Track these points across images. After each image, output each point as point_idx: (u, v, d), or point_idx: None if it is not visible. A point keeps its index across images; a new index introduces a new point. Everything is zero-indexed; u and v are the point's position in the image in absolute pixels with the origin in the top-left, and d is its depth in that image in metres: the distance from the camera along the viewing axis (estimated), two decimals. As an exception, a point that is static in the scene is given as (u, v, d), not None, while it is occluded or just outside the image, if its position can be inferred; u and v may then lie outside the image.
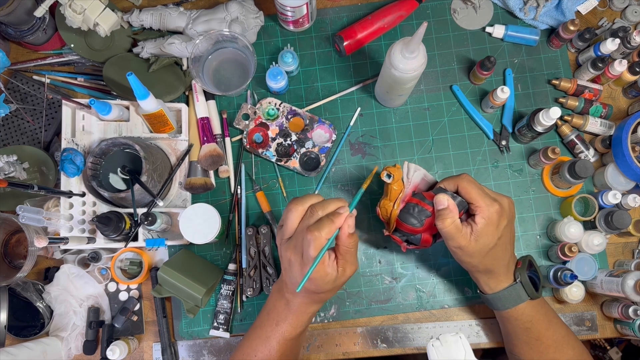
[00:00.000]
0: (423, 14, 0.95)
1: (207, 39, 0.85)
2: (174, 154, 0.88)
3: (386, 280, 0.88)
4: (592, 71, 0.87)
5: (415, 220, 0.70)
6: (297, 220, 0.61)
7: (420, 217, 0.70)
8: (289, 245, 0.61)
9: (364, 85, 0.93)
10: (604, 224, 0.83)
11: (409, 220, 0.70)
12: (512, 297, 0.71)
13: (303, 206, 0.61)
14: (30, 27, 0.88)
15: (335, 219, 0.59)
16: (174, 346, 0.87)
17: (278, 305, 0.67)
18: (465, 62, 0.93)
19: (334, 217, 0.59)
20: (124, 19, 0.90)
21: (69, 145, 0.83)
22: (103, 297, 0.88)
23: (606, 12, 0.95)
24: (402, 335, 0.87)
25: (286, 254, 0.61)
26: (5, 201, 0.87)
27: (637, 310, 0.78)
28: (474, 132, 0.91)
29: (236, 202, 0.90)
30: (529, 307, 0.72)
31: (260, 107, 0.90)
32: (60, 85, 0.94)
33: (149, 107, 0.81)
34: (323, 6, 0.96)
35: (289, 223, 0.62)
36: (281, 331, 0.67)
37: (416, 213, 0.70)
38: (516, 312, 0.72)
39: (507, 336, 0.77)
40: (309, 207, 0.61)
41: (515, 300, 0.71)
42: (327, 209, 0.60)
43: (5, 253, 0.90)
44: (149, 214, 0.79)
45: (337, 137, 0.91)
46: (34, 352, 0.80)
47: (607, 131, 0.88)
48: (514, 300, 0.71)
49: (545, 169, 0.89)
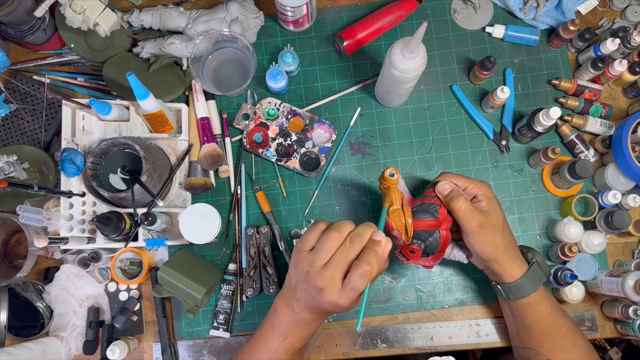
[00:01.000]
0: (423, 14, 0.95)
1: (207, 39, 0.85)
2: (174, 154, 0.88)
3: (386, 280, 0.88)
4: (592, 71, 0.87)
5: (429, 215, 0.69)
6: (334, 249, 0.60)
7: (433, 210, 0.69)
8: (324, 274, 0.59)
9: (364, 85, 0.93)
10: (604, 224, 0.83)
11: (424, 216, 0.69)
12: (533, 279, 0.72)
13: (341, 234, 0.60)
14: (30, 27, 0.88)
15: (379, 249, 0.59)
16: (174, 346, 0.87)
17: (286, 321, 0.66)
18: (465, 62, 0.93)
19: (377, 247, 0.59)
20: (124, 19, 0.90)
21: (69, 145, 0.83)
22: (103, 297, 0.88)
23: (606, 12, 0.95)
24: (402, 335, 0.87)
25: (317, 282, 0.59)
26: (5, 201, 0.87)
27: (637, 310, 0.78)
28: (474, 132, 0.91)
29: (236, 202, 0.90)
30: (545, 291, 0.74)
31: (260, 107, 0.90)
32: (60, 85, 0.94)
33: (149, 107, 0.81)
34: (323, 6, 0.96)
35: (325, 252, 0.60)
36: (289, 344, 0.66)
37: (427, 208, 0.69)
38: (538, 296, 0.72)
39: (524, 328, 0.76)
40: (347, 235, 0.60)
41: (537, 282, 0.72)
42: (365, 236, 0.60)
43: (5, 253, 0.90)
44: (149, 214, 0.79)
45: (337, 137, 0.91)
46: (34, 352, 0.80)
47: (607, 131, 0.88)
48: (536, 282, 0.72)
49: (545, 169, 0.89)
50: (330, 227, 0.62)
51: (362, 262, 0.58)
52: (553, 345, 0.73)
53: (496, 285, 0.76)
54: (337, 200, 0.90)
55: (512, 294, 0.74)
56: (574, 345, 0.73)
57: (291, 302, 0.65)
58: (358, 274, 0.58)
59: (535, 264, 0.73)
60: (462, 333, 0.86)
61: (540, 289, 0.73)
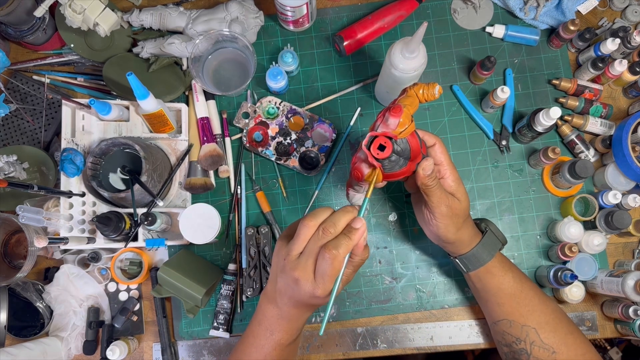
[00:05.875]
0: (423, 13, 0.94)
1: (207, 38, 0.85)
2: (174, 154, 0.88)
3: (386, 280, 0.88)
4: (592, 71, 0.87)
5: None
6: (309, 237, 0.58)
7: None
8: (298, 264, 0.58)
9: (364, 85, 0.93)
10: (604, 224, 0.83)
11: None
12: (488, 246, 0.73)
13: (316, 222, 0.58)
14: (30, 27, 0.88)
15: (352, 235, 0.57)
16: (174, 346, 0.87)
17: (270, 316, 0.65)
18: (465, 62, 0.93)
19: (351, 234, 0.57)
20: (124, 18, 0.89)
21: (69, 145, 0.83)
22: (103, 297, 0.88)
23: (606, 12, 0.94)
24: (402, 335, 0.87)
25: (293, 273, 0.58)
26: (5, 201, 0.87)
27: (637, 310, 0.78)
28: (474, 132, 0.91)
29: (236, 202, 0.90)
30: (502, 257, 0.75)
31: (260, 105, 0.90)
32: (60, 85, 0.94)
33: (149, 107, 0.81)
34: (323, 6, 0.96)
35: (299, 241, 0.59)
36: (276, 339, 0.65)
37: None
38: (495, 262, 0.73)
39: (491, 298, 0.75)
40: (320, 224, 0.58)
41: (493, 249, 0.73)
42: (339, 224, 0.58)
43: (5, 253, 0.90)
44: (149, 214, 0.79)
45: (337, 137, 0.91)
46: (33, 352, 0.80)
47: (607, 131, 0.88)
48: (491, 249, 0.73)
49: (546, 169, 0.89)
50: (306, 215, 0.60)
51: (327, 247, 0.56)
52: (524, 309, 0.72)
53: (454, 259, 0.75)
54: (337, 200, 0.90)
55: (470, 264, 0.73)
56: (545, 307, 0.73)
57: (274, 296, 0.64)
58: (324, 260, 0.56)
59: (489, 232, 0.74)
60: (462, 333, 0.86)
61: (497, 256, 0.74)
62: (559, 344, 0.70)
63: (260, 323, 0.66)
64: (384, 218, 0.89)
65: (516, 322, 0.72)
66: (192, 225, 0.81)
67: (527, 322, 0.72)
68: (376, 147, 0.58)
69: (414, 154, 0.60)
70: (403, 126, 0.58)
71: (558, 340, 0.70)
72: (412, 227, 0.89)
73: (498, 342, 0.77)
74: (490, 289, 0.74)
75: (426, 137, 0.68)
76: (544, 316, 0.72)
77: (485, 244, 0.73)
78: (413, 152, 0.60)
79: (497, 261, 0.73)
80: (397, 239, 0.89)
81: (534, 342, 0.70)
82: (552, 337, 0.70)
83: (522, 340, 0.72)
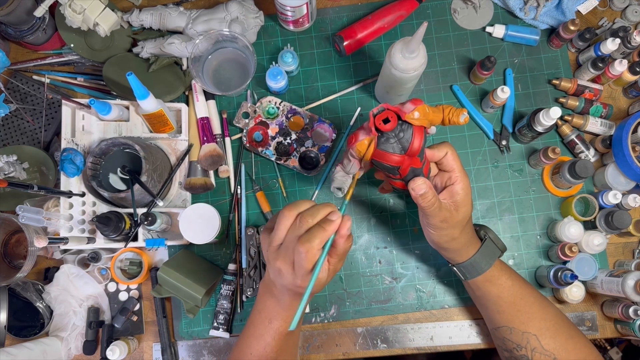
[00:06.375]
0: (423, 13, 0.94)
1: (207, 38, 0.85)
2: (174, 154, 0.88)
3: (386, 280, 0.88)
4: (593, 71, 0.87)
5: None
6: (287, 228, 0.59)
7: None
8: (279, 255, 0.59)
9: (364, 85, 0.93)
10: (604, 224, 0.83)
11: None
12: (487, 254, 0.72)
13: (294, 212, 0.59)
14: (30, 27, 0.88)
15: (327, 227, 0.57)
16: (174, 346, 0.87)
17: (268, 304, 0.66)
18: (465, 62, 0.93)
19: (326, 225, 0.57)
20: (123, 18, 0.89)
21: (69, 145, 0.83)
22: (103, 297, 0.88)
23: (606, 12, 0.94)
24: (402, 335, 0.87)
25: (275, 263, 0.59)
26: (5, 201, 0.87)
27: (637, 310, 0.78)
28: (474, 132, 0.91)
29: (236, 202, 0.90)
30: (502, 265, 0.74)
31: (260, 105, 0.90)
32: (60, 85, 0.94)
33: (149, 107, 0.81)
34: (323, 6, 0.96)
35: (279, 231, 0.59)
36: (275, 327, 0.66)
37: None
38: (494, 270, 0.72)
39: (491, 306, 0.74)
40: (297, 215, 0.58)
41: (491, 257, 0.72)
42: (317, 216, 0.58)
43: (5, 253, 0.90)
44: (149, 214, 0.79)
45: (337, 137, 0.91)
46: (33, 352, 0.80)
47: (607, 131, 0.88)
48: (490, 257, 0.72)
49: (546, 169, 0.89)
50: (285, 206, 0.60)
51: (300, 240, 0.56)
52: (524, 316, 0.72)
53: (452, 267, 0.75)
54: (337, 201, 0.90)
55: (468, 273, 0.73)
56: (546, 313, 0.72)
57: (270, 285, 0.65)
58: (298, 253, 0.56)
59: (488, 240, 0.73)
60: (462, 333, 0.86)
61: (496, 264, 0.73)
62: (560, 350, 0.70)
63: (260, 312, 0.67)
64: (384, 218, 0.89)
65: (516, 329, 0.72)
66: (192, 225, 0.81)
67: (528, 329, 0.71)
68: (381, 119, 0.59)
69: (411, 152, 0.61)
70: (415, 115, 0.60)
71: (559, 345, 0.70)
72: (412, 227, 0.89)
73: (499, 347, 0.77)
74: (490, 297, 0.74)
75: (439, 147, 0.68)
76: (544, 322, 0.71)
77: (484, 253, 0.72)
78: (411, 150, 0.60)
79: (496, 269, 0.73)
80: (397, 239, 0.89)
81: (535, 349, 0.70)
82: (552, 343, 0.70)
83: (523, 347, 0.71)
